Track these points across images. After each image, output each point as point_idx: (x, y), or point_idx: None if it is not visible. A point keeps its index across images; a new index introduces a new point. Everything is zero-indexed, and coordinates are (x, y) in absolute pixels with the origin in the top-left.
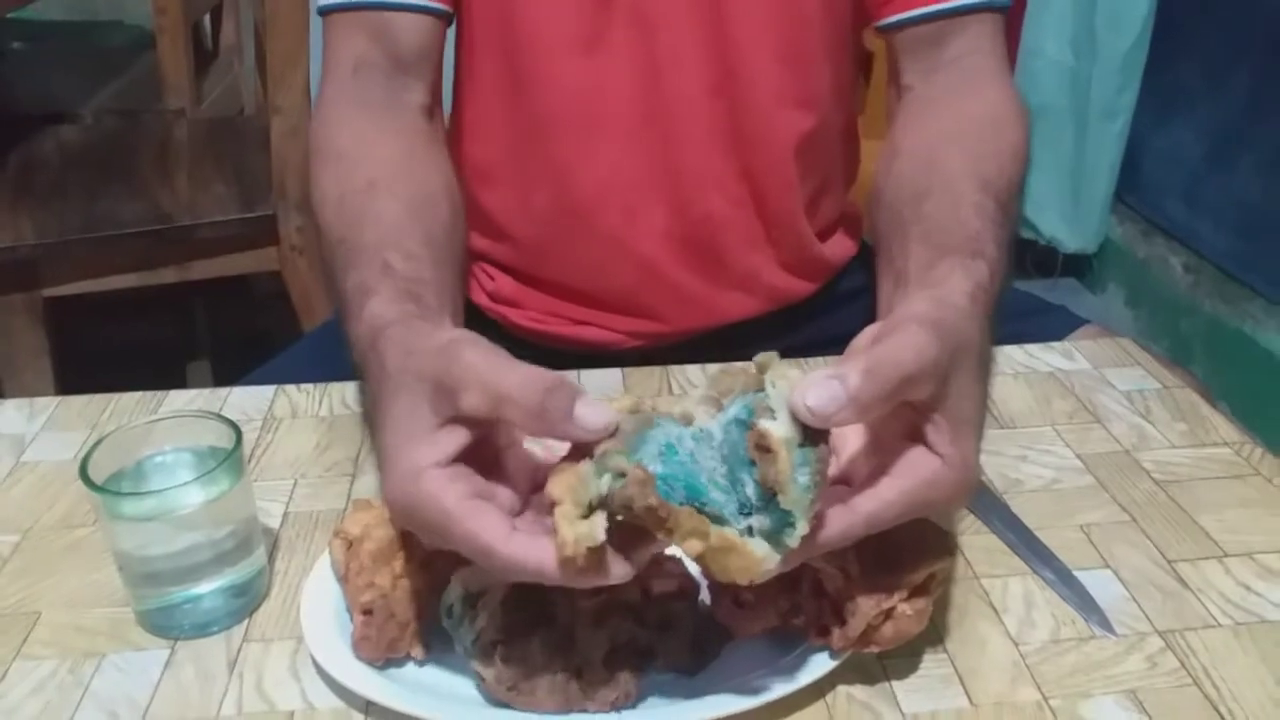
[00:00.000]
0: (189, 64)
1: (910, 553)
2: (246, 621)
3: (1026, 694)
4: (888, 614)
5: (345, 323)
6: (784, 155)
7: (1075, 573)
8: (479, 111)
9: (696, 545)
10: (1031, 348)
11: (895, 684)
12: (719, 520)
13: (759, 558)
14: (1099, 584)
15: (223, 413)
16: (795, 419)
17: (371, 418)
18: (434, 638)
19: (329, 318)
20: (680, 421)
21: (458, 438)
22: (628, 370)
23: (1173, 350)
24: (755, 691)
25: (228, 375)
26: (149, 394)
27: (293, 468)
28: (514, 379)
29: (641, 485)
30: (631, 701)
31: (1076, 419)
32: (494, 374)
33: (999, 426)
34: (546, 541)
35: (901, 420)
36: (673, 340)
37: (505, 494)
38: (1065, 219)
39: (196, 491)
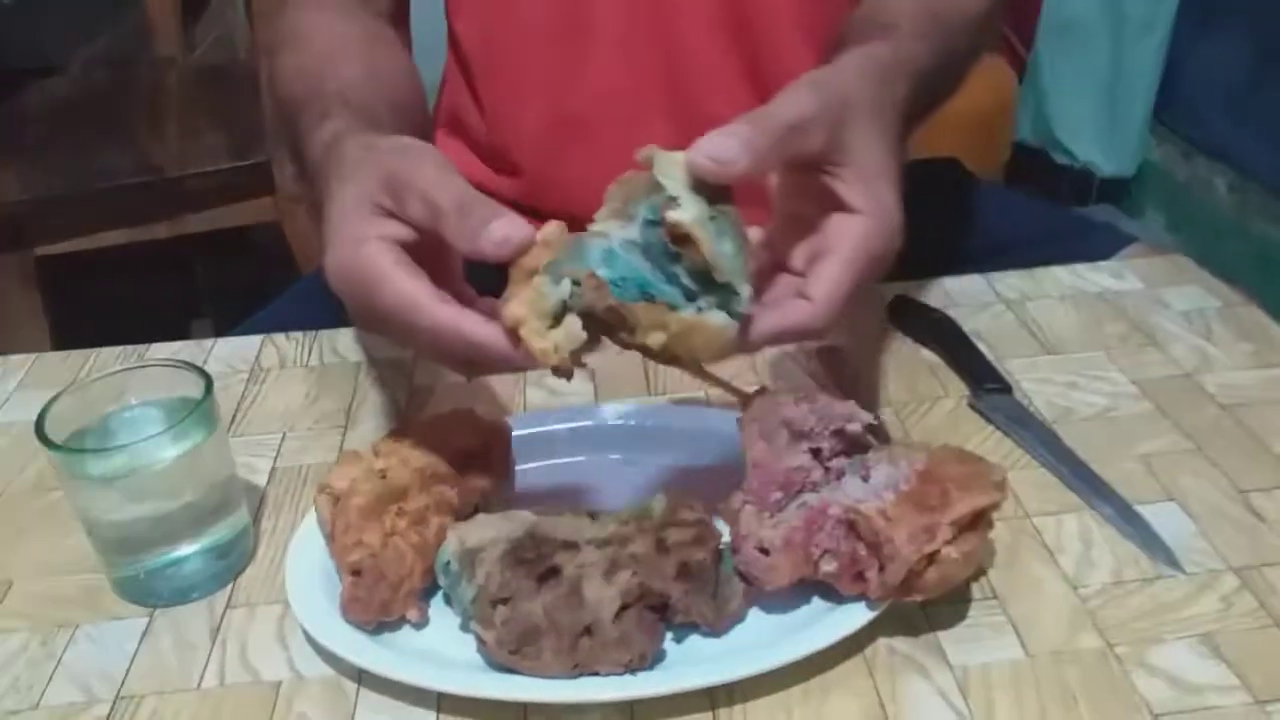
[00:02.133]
0: (177, 9)
1: (955, 489)
2: (230, 586)
3: (1088, 641)
4: (931, 558)
5: (303, 156)
6: (796, 52)
7: (1136, 507)
8: (469, 30)
9: (659, 336)
10: (1078, 268)
11: (941, 635)
12: (673, 308)
13: (720, 326)
14: (1164, 519)
15: (207, 365)
16: (698, 194)
17: (321, 206)
18: (430, 598)
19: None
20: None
21: (401, 230)
22: None
23: (1219, 276)
24: (785, 649)
25: (231, 332)
26: (130, 348)
27: (280, 420)
28: (448, 189)
29: (597, 289)
30: (648, 662)
31: (1130, 342)
32: (437, 187)
33: (1045, 352)
34: (482, 319)
35: (814, 191)
36: None
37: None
38: (1100, 142)
39: (167, 446)
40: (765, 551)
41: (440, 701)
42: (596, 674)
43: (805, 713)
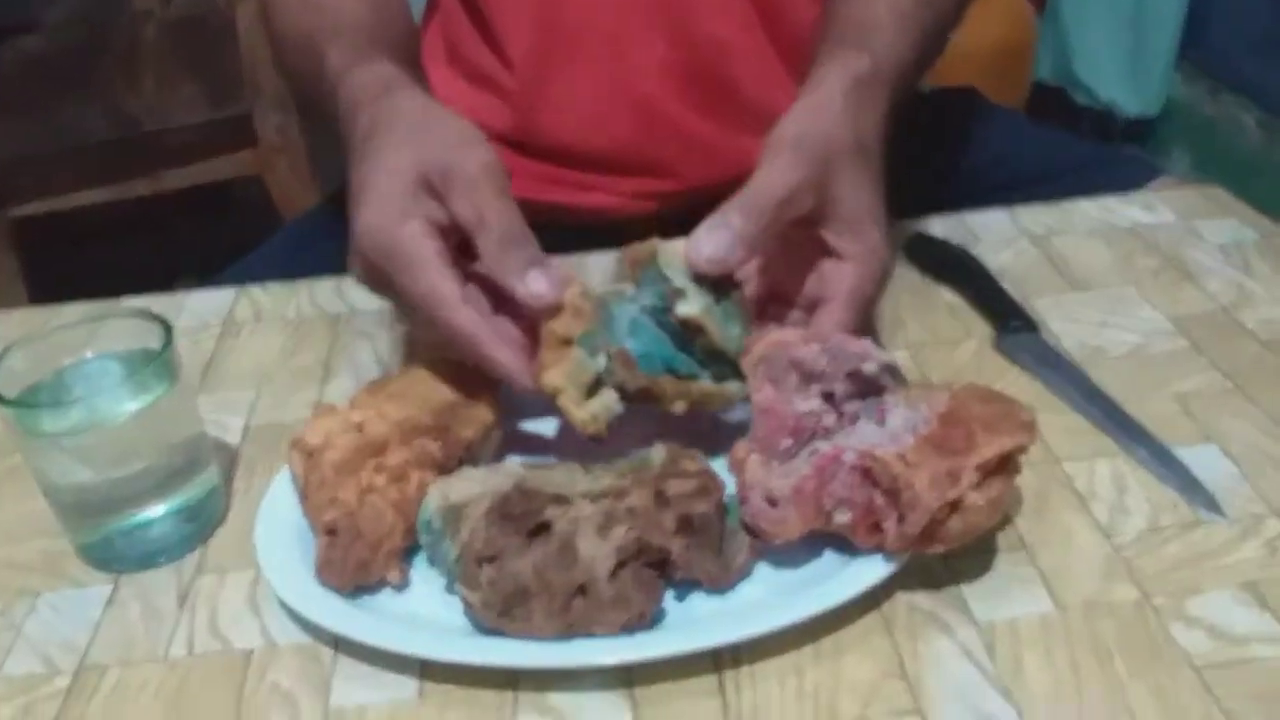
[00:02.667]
0: None
1: (981, 431)
2: (199, 550)
3: (1123, 593)
4: (954, 505)
5: (332, 93)
6: None
7: (1173, 450)
8: None
9: (682, 405)
10: (1106, 201)
11: (965, 588)
12: (693, 378)
13: (735, 392)
14: (1203, 461)
15: (179, 319)
16: (701, 282)
17: (349, 137)
18: (413, 559)
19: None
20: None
21: (442, 216)
22: None
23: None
24: (795, 606)
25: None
26: (96, 304)
27: (255, 376)
28: (500, 213)
29: (627, 366)
30: (646, 623)
31: (1163, 277)
32: (489, 203)
33: (1073, 289)
34: (498, 341)
35: (809, 240)
36: (685, 201)
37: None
38: (1124, 79)
39: (125, 400)
40: (773, 502)
41: (423, 669)
42: (591, 636)
43: (818, 675)
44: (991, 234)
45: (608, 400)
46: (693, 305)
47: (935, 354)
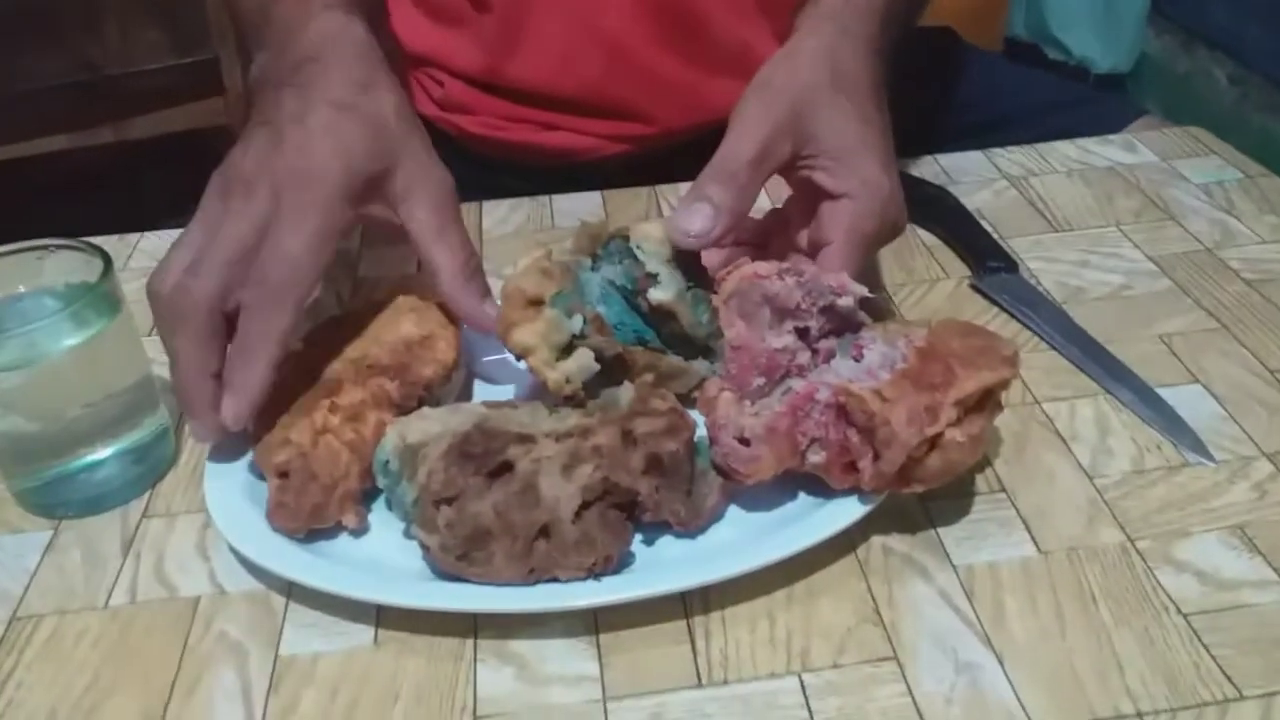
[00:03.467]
0: None
1: (960, 366)
2: (148, 495)
3: (1107, 536)
4: (933, 442)
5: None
6: None
7: (1158, 390)
8: None
9: (649, 377)
10: (1085, 141)
11: (942, 531)
12: (663, 352)
13: (703, 372)
14: (1188, 402)
15: (131, 261)
16: (673, 266)
17: (283, 67)
18: (372, 504)
19: None
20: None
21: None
22: (609, 193)
23: None
24: (766, 548)
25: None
26: (42, 241)
27: None
28: (464, 242)
29: (602, 331)
30: (613, 566)
31: (1145, 217)
32: (452, 222)
33: (1052, 230)
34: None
35: (800, 185)
36: (657, 144)
37: None
38: (1097, 34)
39: (63, 334)
40: (745, 442)
41: (379, 615)
42: (555, 580)
43: (790, 619)
44: (968, 175)
45: (584, 360)
46: (666, 291)
47: (913, 294)
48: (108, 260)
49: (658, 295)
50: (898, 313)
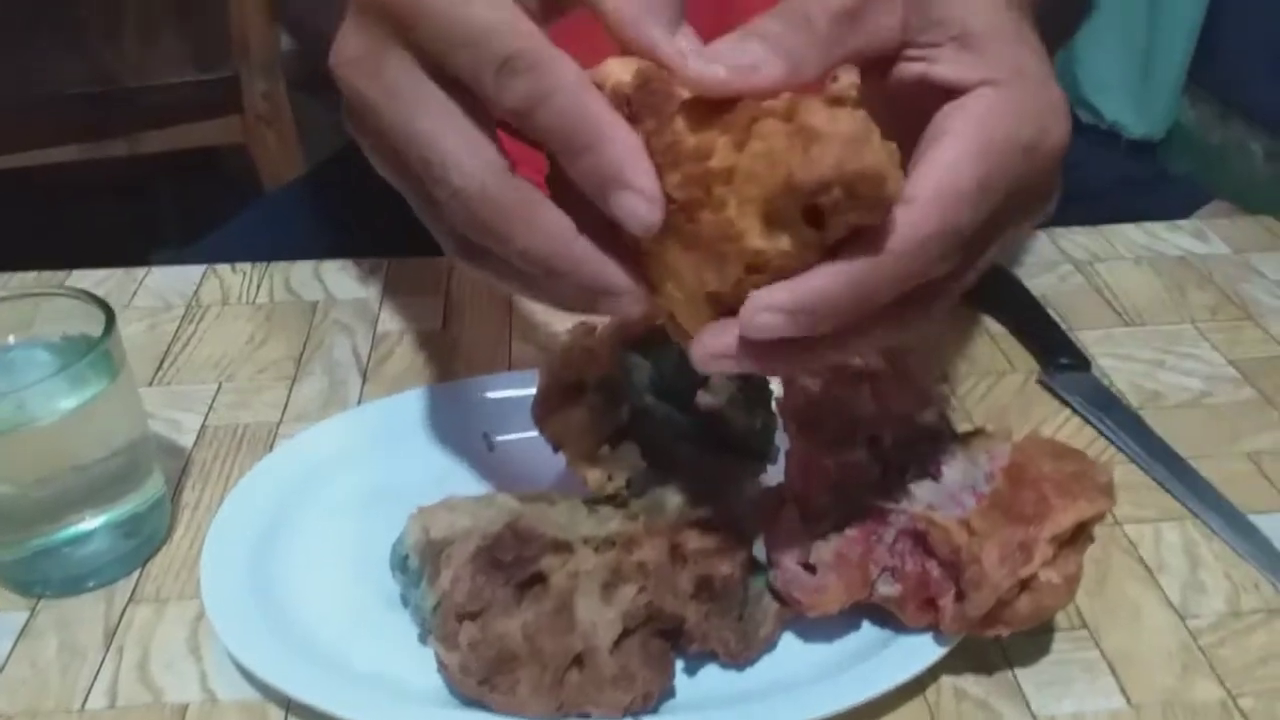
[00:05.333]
0: None
1: (1054, 494)
2: (136, 574)
3: (1205, 690)
4: (1024, 583)
5: None
6: None
7: (1249, 517)
8: None
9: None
10: (1153, 227)
11: (1020, 673)
12: (712, 453)
13: (756, 478)
14: None
15: (135, 298)
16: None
17: None
18: (383, 600)
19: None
20: None
21: None
22: None
23: None
24: (827, 691)
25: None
26: (45, 274)
27: (217, 368)
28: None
29: (652, 427)
30: (653, 704)
31: (1221, 315)
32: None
33: (1123, 323)
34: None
35: (903, 91)
36: None
37: None
38: (1132, 99)
39: (58, 395)
40: (811, 569)
41: None
42: (587, 717)
43: None
44: (1030, 255)
45: (629, 458)
46: (716, 395)
47: (976, 388)
48: (110, 315)
49: (707, 400)
50: (963, 408)
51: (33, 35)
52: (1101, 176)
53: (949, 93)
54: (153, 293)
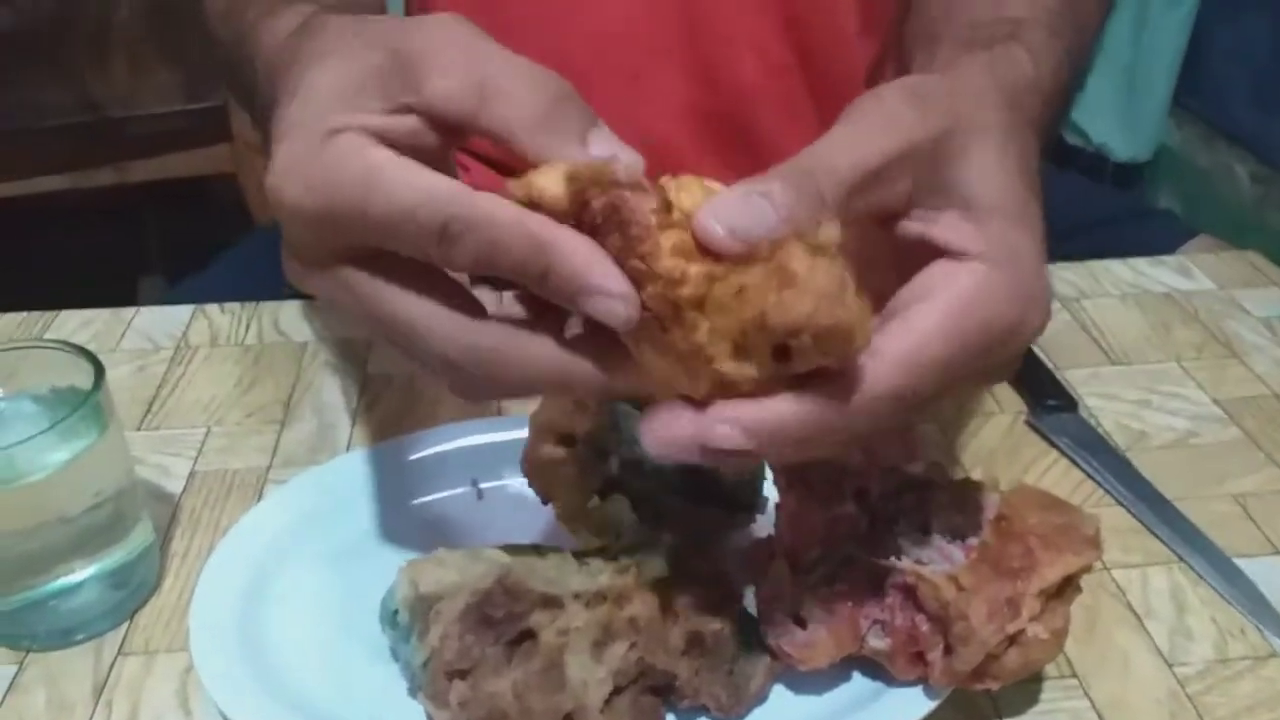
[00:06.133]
0: None
1: (1041, 547)
2: (125, 626)
3: None
4: (1013, 638)
5: (250, 68)
6: (842, 4)
7: (1235, 560)
8: None
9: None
10: (1137, 263)
11: None
12: (699, 505)
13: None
14: (1267, 576)
15: (123, 341)
16: None
17: (269, 114)
18: (372, 652)
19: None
20: None
21: (408, 124)
22: None
23: None
24: None
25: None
26: (33, 315)
27: (206, 412)
28: (529, 70)
29: (642, 479)
30: None
31: (1207, 353)
32: (483, 58)
33: (1109, 361)
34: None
35: (898, 243)
36: None
37: None
38: (1119, 122)
39: (46, 449)
40: (801, 623)
41: None
42: None
43: None
44: None
45: (618, 512)
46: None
47: (964, 429)
48: (99, 369)
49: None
50: (949, 449)
51: (22, 65)
52: (1087, 214)
53: (937, 249)
54: (141, 334)
